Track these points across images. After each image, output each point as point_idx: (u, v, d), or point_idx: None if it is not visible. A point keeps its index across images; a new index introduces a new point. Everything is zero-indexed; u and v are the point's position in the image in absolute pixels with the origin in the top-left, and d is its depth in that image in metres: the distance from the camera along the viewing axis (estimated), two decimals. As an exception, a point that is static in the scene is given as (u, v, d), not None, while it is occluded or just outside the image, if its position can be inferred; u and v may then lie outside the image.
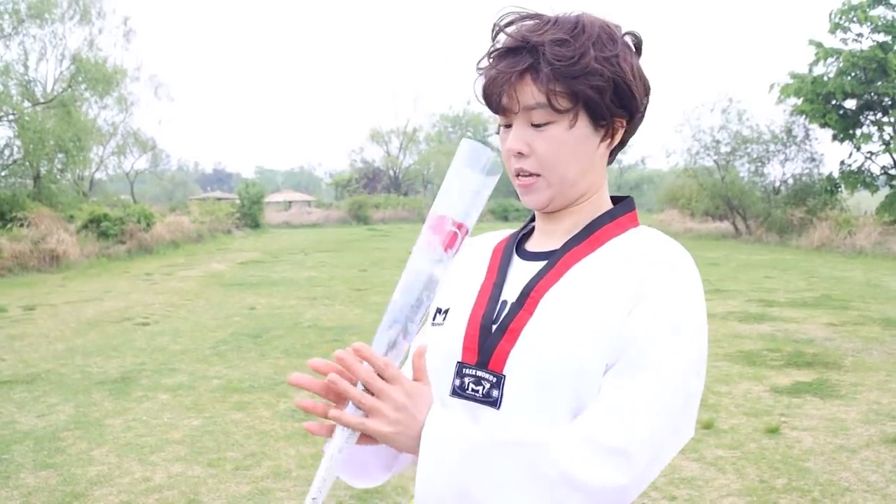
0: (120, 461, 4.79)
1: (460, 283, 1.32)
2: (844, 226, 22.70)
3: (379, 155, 64.36)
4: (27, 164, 23.41)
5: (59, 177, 26.47)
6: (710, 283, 14.01)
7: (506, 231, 1.41)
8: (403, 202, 53.19)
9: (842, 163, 24.66)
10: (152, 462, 4.77)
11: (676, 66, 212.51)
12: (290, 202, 61.56)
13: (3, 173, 23.30)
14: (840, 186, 24.88)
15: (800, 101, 23.62)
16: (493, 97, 1.19)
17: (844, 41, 22.53)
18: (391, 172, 62.81)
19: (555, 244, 1.27)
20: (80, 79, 26.02)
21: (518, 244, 1.33)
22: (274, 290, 13.50)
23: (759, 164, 27.82)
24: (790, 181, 27.17)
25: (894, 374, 6.82)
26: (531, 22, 1.19)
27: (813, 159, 26.55)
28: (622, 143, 1.28)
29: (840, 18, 22.06)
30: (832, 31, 22.35)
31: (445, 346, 1.25)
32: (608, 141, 1.24)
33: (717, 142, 28.39)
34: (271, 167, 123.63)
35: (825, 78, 22.67)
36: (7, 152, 23.30)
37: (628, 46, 1.22)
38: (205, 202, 39.35)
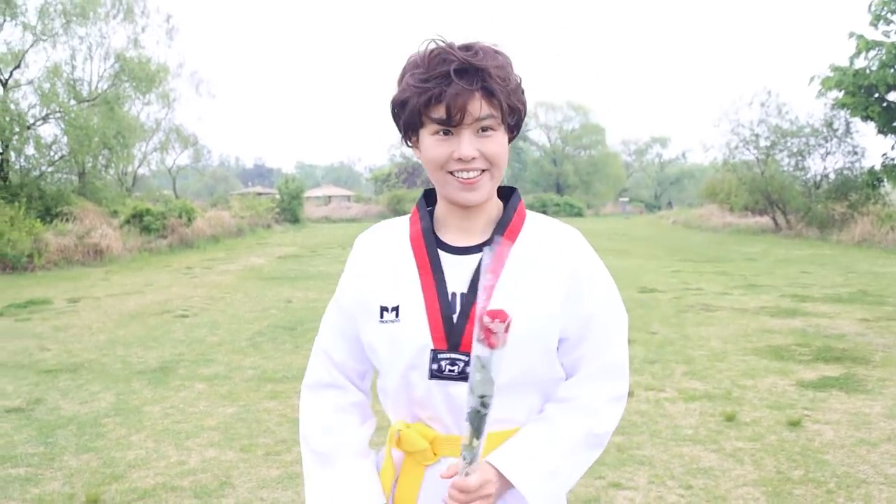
0: (157, 446, 5.00)
1: (395, 280, 1.55)
2: (886, 221, 22.37)
3: (418, 150, 64.33)
4: (73, 160, 23.97)
5: (103, 173, 27.09)
6: (745, 279, 13.96)
7: (393, 224, 1.64)
8: (441, 197, 53.18)
9: (884, 156, 24.23)
10: (187, 447, 4.97)
11: (714, 61, 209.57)
12: (329, 197, 62.06)
13: (49, 169, 23.90)
14: (882, 180, 24.44)
15: (841, 94, 23.24)
16: (455, 109, 1.40)
17: (886, 33, 22.13)
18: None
19: (478, 238, 1.53)
20: (123, 77, 26.54)
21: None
22: (310, 284, 13.73)
23: (800, 158, 27.48)
24: (831, 175, 26.80)
25: (923, 370, 6.79)
26: (463, 50, 1.43)
27: (854, 153, 26.17)
28: None
29: (882, 10, 21.67)
30: (873, 23, 21.95)
31: (413, 338, 1.49)
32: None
33: (757, 136, 28.12)
34: (312, 162, 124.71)
35: (867, 70, 22.30)
36: (54, 149, 23.87)
37: None
38: (245, 197, 39.88)
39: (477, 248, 1.50)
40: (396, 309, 1.50)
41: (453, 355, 1.45)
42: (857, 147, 26.10)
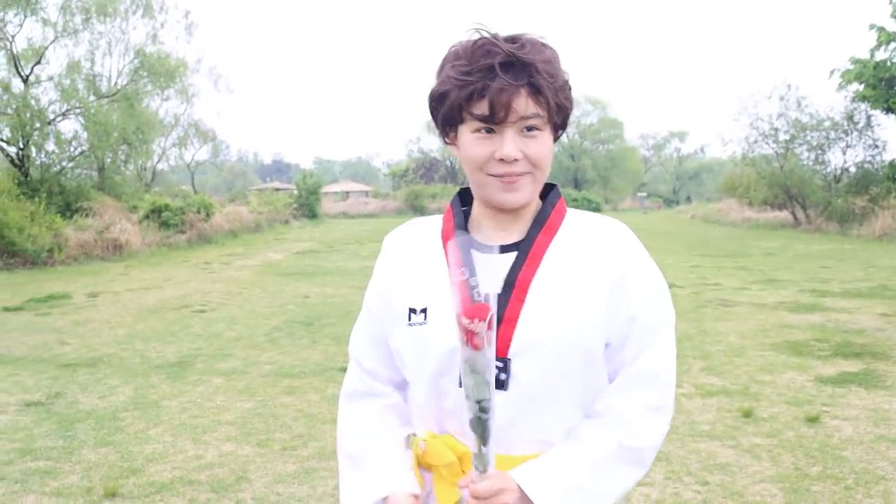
0: (174, 440, 5.04)
1: (424, 280, 1.45)
2: (908, 215, 22.15)
3: (436, 145, 64.36)
4: (92, 155, 24.13)
5: (122, 168, 27.32)
6: (764, 274, 13.87)
7: (423, 223, 1.55)
8: (459, 192, 53.24)
9: (905, 149, 23.97)
10: (205, 441, 5.01)
11: (733, 54, 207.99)
12: (347, 192, 62.22)
13: (69, 165, 24.06)
14: (904, 174, 24.21)
15: (861, 87, 23.04)
16: (499, 105, 1.30)
17: (908, 25, 21.91)
18: (448, 162, 62.90)
19: (513, 237, 1.43)
20: (142, 72, 26.71)
21: None
22: (328, 280, 13.77)
23: (820, 151, 27.25)
24: (852, 169, 26.57)
25: (945, 366, 6.72)
26: (509, 42, 1.32)
27: (875, 146, 25.93)
28: None
29: (903, 1, 21.46)
30: (894, 16, 21.75)
31: (441, 341, 1.38)
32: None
33: (776, 129, 27.89)
34: (330, 158, 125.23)
35: (888, 63, 22.09)
36: (74, 144, 24.04)
37: None
38: (263, 192, 40.10)
39: (513, 247, 1.40)
40: (425, 311, 1.41)
41: None
42: (878, 140, 25.87)
